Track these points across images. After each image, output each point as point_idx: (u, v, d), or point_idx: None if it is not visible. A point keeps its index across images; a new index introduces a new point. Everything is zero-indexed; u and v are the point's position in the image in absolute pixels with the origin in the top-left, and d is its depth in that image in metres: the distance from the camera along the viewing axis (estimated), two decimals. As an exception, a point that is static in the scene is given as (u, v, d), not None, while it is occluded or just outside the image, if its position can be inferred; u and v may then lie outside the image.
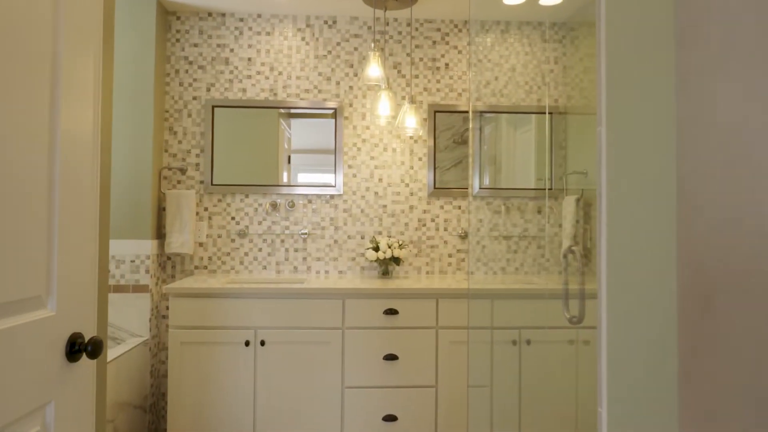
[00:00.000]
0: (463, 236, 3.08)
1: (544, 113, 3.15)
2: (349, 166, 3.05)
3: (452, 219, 3.08)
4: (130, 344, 2.60)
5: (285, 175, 3.02)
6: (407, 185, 3.07)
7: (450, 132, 3.09)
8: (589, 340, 2.78)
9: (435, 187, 3.06)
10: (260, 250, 3.01)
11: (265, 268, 3.01)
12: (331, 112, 3.02)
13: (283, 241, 3.02)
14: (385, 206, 3.06)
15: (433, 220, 3.07)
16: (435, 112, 3.08)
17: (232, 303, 2.47)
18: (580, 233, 2.94)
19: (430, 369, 2.52)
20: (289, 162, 3.02)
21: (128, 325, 2.73)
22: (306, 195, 3.03)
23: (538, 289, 2.66)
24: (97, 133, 1.24)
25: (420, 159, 3.08)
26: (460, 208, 3.08)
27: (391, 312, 2.51)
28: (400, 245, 2.89)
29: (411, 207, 3.07)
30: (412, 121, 2.84)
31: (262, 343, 2.47)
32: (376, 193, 3.06)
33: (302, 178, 3.03)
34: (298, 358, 2.49)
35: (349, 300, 2.51)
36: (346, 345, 2.50)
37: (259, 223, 3.01)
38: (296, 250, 3.02)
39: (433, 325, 2.53)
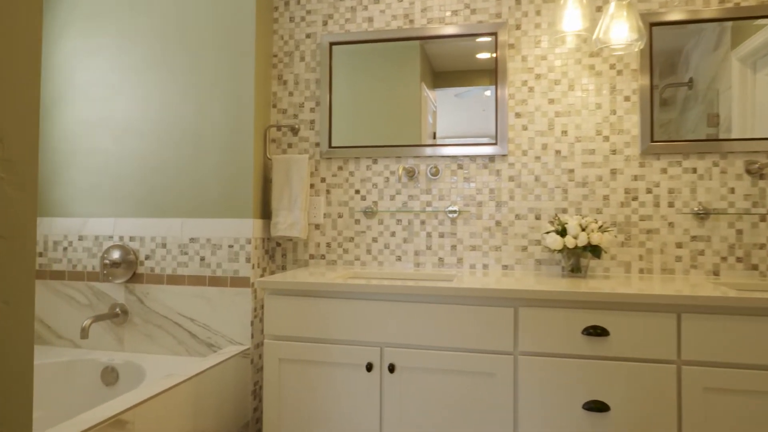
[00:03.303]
0: (703, 216, 1.95)
1: None
2: (517, 114, 2.11)
3: (682, 189, 1.97)
4: (223, 355, 1.96)
5: (428, 131, 2.17)
6: (606, 139, 2.04)
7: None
8: None
9: (652, 140, 1.99)
10: (393, 234, 2.20)
11: (399, 259, 2.20)
12: (489, 39, 2.12)
13: (423, 222, 2.18)
14: (571, 171, 2.06)
15: (649, 191, 2.00)
16: (651, 25, 2.00)
17: (350, 307, 1.69)
18: None
19: (668, 430, 1.49)
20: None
21: (227, 330, 2.11)
22: (454, 157, 2.15)
23: None
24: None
25: (627, 99, 2.03)
26: (695, 171, 1.97)
27: (596, 332, 1.52)
28: (600, 228, 1.88)
29: (613, 171, 2.03)
30: (621, 31, 1.81)
31: (391, 369, 1.65)
32: (557, 151, 2.08)
33: (448, 131, 2.16)
34: (445, 394, 1.62)
35: (524, 309, 1.58)
36: (521, 380, 1.57)
37: (392, 197, 2.21)
38: (442, 235, 2.16)
39: (672, 359, 1.49)
